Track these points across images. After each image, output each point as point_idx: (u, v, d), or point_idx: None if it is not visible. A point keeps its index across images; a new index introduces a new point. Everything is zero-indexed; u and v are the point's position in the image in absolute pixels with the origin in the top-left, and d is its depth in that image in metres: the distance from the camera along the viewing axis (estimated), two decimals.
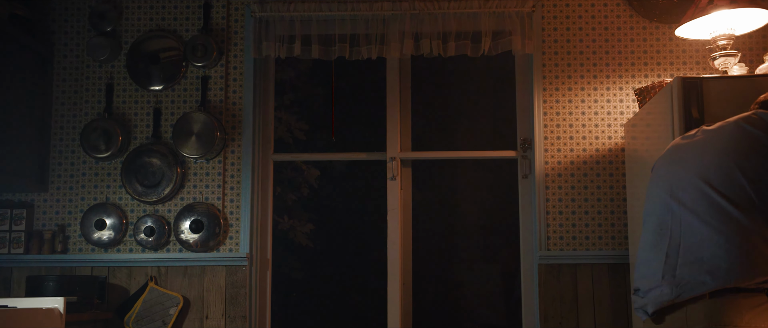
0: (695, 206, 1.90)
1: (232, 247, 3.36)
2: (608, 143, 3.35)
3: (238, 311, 3.30)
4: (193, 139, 3.35)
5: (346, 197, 5.52)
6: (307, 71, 5.50)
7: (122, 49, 3.49)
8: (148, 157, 3.39)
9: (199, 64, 3.44)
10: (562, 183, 3.34)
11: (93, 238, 3.36)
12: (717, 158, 1.92)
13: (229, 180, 3.41)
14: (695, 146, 2.02)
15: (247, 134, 3.42)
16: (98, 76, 3.49)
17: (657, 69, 3.38)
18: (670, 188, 2.00)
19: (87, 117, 3.46)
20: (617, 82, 3.39)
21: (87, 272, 3.34)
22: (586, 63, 3.41)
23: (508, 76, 3.66)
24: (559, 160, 3.35)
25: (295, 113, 5.43)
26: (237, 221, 3.38)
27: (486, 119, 5.09)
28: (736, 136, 1.92)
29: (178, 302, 3.28)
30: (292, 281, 5.37)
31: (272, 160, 3.55)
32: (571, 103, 3.38)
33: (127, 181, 3.39)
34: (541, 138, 3.36)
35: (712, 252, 1.83)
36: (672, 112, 2.59)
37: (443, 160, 4.72)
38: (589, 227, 3.31)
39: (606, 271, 3.25)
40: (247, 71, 3.46)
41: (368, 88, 5.23)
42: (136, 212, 3.40)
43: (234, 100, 3.45)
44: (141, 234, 3.36)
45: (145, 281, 3.33)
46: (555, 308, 3.24)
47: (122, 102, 3.47)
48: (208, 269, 3.33)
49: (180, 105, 3.46)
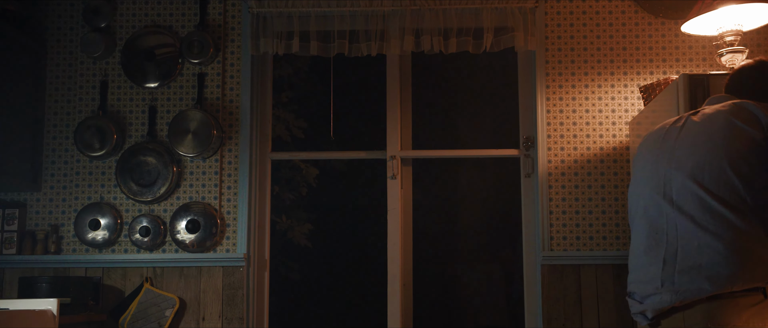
0: (690, 209, 1.89)
1: (229, 247, 3.36)
2: (612, 141, 3.35)
3: (236, 312, 3.30)
4: (190, 138, 3.35)
5: (345, 196, 5.51)
6: (305, 68, 5.49)
7: (117, 45, 3.49)
8: (143, 155, 3.39)
9: (196, 60, 3.43)
10: (566, 182, 3.33)
11: (87, 238, 3.36)
12: (709, 157, 1.91)
13: (226, 179, 3.40)
14: (684, 141, 2.00)
15: (244, 132, 3.41)
16: (92, 73, 3.48)
17: (662, 66, 3.38)
18: (661, 187, 1.98)
19: (81, 115, 3.45)
20: (622, 79, 3.38)
21: (81, 273, 3.34)
22: (590, 60, 3.40)
23: (511, 73, 3.66)
24: (562, 158, 3.35)
25: (293, 111, 5.42)
26: (234, 220, 3.37)
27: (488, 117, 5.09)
28: (727, 134, 1.91)
29: (174, 304, 3.27)
30: (290, 281, 5.36)
31: (270, 159, 3.55)
32: (574, 101, 3.38)
33: (121, 180, 3.39)
34: (544, 136, 3.36)
35: (711, 258, 1.83)
36: (678, 110, 2.58)
37: (444, 158, 4.71)
38: (593, 227, 3.30)
39: (610, 271, 3.25)
40: (244, 68, 3.45)
41: (368, 85, 5.22)
42: (131, 211, 3.40)
43: (231, 98, 3.44)
44: (136, 234, 3.35)
45: (140, 282, 3.32)
46: (558, 310, 3.24)
47: (117, 99, 3.47)
48: (205, 270, 3.33)
49: (176, 103, 3.45)
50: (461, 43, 3.36)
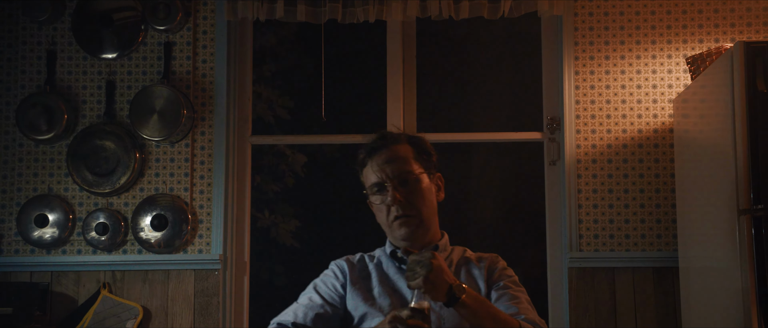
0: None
1: (202, 247, 3.37)
2: (653, 123, 3.33)
3: (210, 322, 3.31)
4: (155, 119, 3.35)
5: (338, 188, 5.49)
6: (291, 37, 5.50)
7: (67, 8, 3.48)
8: (99, 139, 3.39)
9: (161, 27, 3.43)
10: (598, 171, 3.32)
11: (32, 237, 3.35)
12: None
13: (198, 167, 3.41)
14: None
15: (219, 112, 3.42)
16: (37, 40, 3.47)
17: (714, 32, 3.36)
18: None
19: (24, 91, 3.44)
20: (665, 48, 3.37)
21: (25, 278, 3.34)
22: (628, 26, 3.38)
23: (533, 43, 3.67)
24: (593, 143, 3.33)
25: (277, 88, 5.42)
26: (208, 216, 3.38)
27: (506, 95, 5.08)
28: None
29: (136, 314, 3.27)
30: (274, 287, 5.35)
31: (250, 144, 3.57)
32: (608, 75, 3.37)
33: (74, 168, 3.38)
34: (572, 117, 3.35)
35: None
36: (732, 85, 2.57)
37: (455, 143, 4.69)
38: (629, 224, 3.29)
39: (650, 276, 3.25)
40: (219, 37, 3.46)
41: (365, 57, 5.21)
42: (85, 205, 3.39)
43: (204, 72, 3.45)
44: (92, 232, 3.35)
45: (96, 288, 3.32)
46: (588, 320, 3.23)
47: (67, 73, 3.45)
48: (174, 274, 3.33)
49: (138, 77, 3.45)
50: (474, 7, 3.36)
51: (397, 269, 2.02)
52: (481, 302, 1.80)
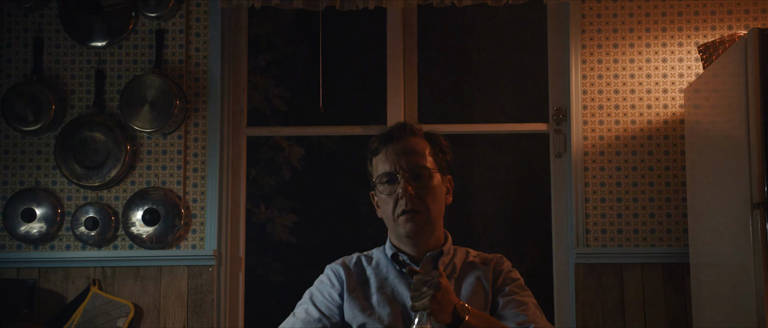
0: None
1: (195, 242, 3.37)
2: (663, 113, 3.33)
3: (204, 321, 3.31)
4: (146, 109, 3.35)
5: (336, 181, 5.49)
6: (288, 25, 5.50)
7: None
8: (89, 131, 3.39)
9: (153, 14, 3.43)
10: (605, 163, 3.33)
11: (19, 232, 3.36)
12: None
13: (191, 160, 3.41)
14: None
15: (213, 103, 3.42)
16: (23, 27, 3.47)
17: (727, 18, 3.36)
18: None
19: (10, 80, 3.44)
20: (676, 36, 3.37)
21: (12, 274, 3.33)
22: (637, 12, 3.38)
23: (539, 30, 3.67)
24: (601, 134, 3.33)
25: (273, 77, 5.41)
26: (201, 210, 3.39)
27: (509, 85, 5.09)
28: None
29: (128, 311, 3.27)
30: (270, 284, 5.35)
31: (245, 136, 3.57)
32: (616, 64, 3.38)
33: (62, 161, 3.38)
34: (578, 108, 3.36)
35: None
36: (746, 74, 2.57)
37: (457, 135, 4.67)
38: (638, 218, 3.30)
39: (660, 272, 3.26)
40: (213, 24, 3.46)
41: (365, 46, 5.20)
42: (74, 199, 3.39)
43: (197, 61, 3.44)
44: (81, 227, 3.35)
45: (86, 285, 3.32)
46: (596, 317, 3.24)
47: (55, 61, 3.45)
48: (166, 270, 3.34)
49: (129, 66, 3.45)
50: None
51: (397, 273, 1.97)
52: (485, 320, 1.78)
